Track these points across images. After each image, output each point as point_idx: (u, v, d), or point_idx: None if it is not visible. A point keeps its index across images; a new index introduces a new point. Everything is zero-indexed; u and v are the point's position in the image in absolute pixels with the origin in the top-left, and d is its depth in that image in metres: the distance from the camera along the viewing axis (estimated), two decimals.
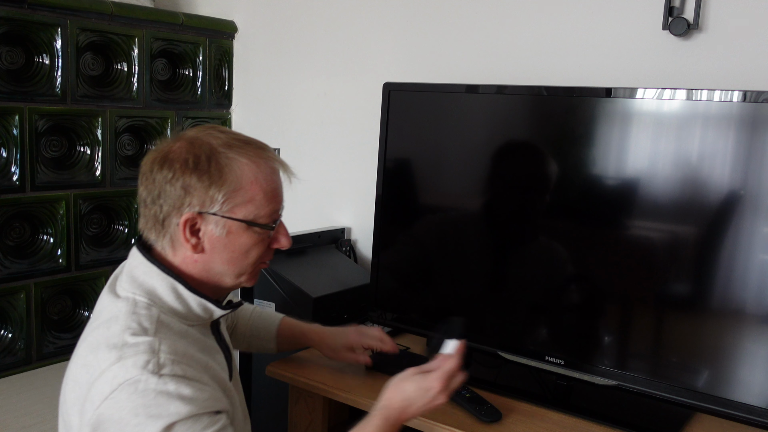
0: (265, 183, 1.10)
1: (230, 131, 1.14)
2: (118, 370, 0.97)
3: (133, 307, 1.05)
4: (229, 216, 1.08)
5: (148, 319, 1.04)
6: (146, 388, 0.96)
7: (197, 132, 1.11)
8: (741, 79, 1.48)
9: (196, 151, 1.07)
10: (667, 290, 1.36)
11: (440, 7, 1.91)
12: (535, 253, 1.51)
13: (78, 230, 2.02)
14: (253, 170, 1.09)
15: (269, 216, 1.11)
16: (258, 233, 1.10)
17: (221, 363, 1.15)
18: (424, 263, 1.67)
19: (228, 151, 1.08)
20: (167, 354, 0.99)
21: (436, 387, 1.13)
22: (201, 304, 1.09)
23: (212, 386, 1.04)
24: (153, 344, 1.00)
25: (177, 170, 1.06)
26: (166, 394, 0.97)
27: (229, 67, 2.39)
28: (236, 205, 1.08)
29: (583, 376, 1.41)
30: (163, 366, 0.98)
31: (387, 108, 1.65)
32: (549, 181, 1.47)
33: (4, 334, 1.89)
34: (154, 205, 1.08)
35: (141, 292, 1.07)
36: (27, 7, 1.83)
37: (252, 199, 1.09)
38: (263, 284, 1.78)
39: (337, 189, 2.18)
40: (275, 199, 1.12)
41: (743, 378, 1.27)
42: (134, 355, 0.98)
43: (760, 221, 1.23)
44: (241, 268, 1.12)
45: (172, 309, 1.08)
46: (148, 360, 0.98)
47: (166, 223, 1.08)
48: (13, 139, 1.85)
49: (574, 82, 1.59)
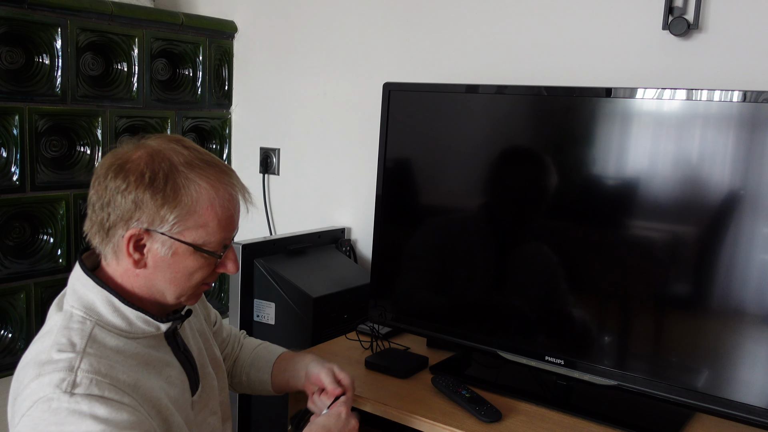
0: (220, 210, 1.07)
1: (196, 148, 1.10)
2: (36, 387, 0.96)
3: (68, 321, 1.03)
4: (177, 238, 1.05)
5: (79, 333, 1.02)
6: (58, 407, 0.94)
7: (161, 144, 1.07)
8: (741, 79, 1.48)
9: (154, 167, 1.04)
10: (667, 290, 1.36)
11: (440, 7, 1.91)
12: (536, 253, 1.51)
13: (78, 230, 2.02)
14: (210, 195, 1.06)
15: (219, 243, 1.09)
16: (204, 258, 1.08)
17: (171, 378, 1.11)
18: (425, 263, 1.67)
19: (188, 171, 1.05)
20: (86, 373, 0.97)
21: (343, 411, 1.23)
22: (141, 317, 1.07)
23: (137, 408, 1.00)
24: (73, 362, 0.98)
25: (131, 183, 1.03)
26: (78, 413, 0.94)
27: (229, 67, 2.39)
28: (186, 228, 1.05)
29: (583, 376, 1.41)
30: (78, 385, 0.96)
31: (387, 108, 1.65)
32: (549, 181, 1.47)
33: (4, 334, 1.89)
34: (102, 212, 1.05)
35: (79, 305, 1.05)
36: (27, 7, 1.83)
37: (204, 224, 1.06)
38: (263, 284, 1.78)
39: (337, 189, 2.19)
40: (228, 227, 1.09)
41: (743, 378, 1.27)
42: (51, 372, 0.96)
43: (760, 221, 1.23)
44: (183, 290, 1.10)
45: (111, 323, 1.05)
46: (63, 378, 0.96)
47: (111, 232, 1.05)
48: (13, 139, 1.85)
49: (574, 82, 1.59)
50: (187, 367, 1.16)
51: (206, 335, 1.29)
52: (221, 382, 1.28)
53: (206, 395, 1.21)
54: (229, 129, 2.43)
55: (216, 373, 1.26)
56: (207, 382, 1.22)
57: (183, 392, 1.13)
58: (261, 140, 2.35)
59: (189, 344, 1.20)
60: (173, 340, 1.15)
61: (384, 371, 1.55)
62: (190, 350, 1.19)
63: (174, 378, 1.11)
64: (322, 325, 1.77)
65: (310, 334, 1.75)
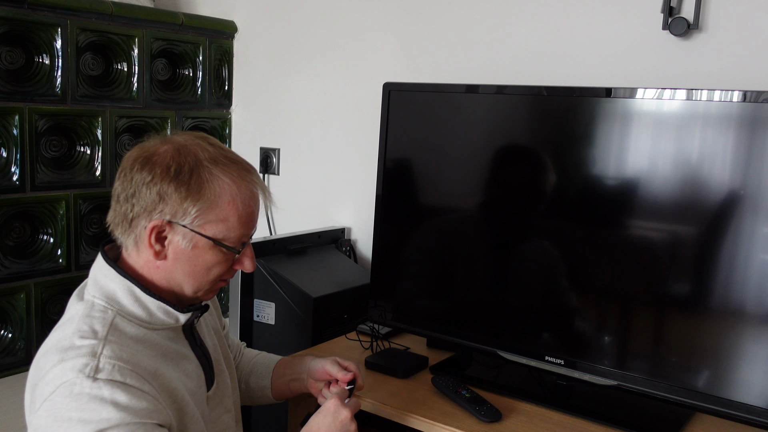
0: (241, 206, 1.09)
1: (220, 146, 1.12)
2: (58, 372, 0.97)
3: (89, 310, 1.05)
4: (198, 231, 1.07)
5: (101, 322, 1.03)
6: (80, 392, 0.95)
7: (187, 139, 1.10)
8: (741, 79, 1.48)
9: (180, 160, 1.06)
10: (667, 290, 1.36)
11: (440, 7, 1.91)
12: (536, 253, 1.51)
13: (78, 230, 2.02)
14: (232, 191, 1.08)
15: (238, 239, 1.10)
16: (223, 253, 1.10)
17: (188, 371, 1.12)
18: (425, 263, 1.67)
19: (213, 167, 1.07)
20: (108, 359, 0.98)
21: (332, 404, 1.19)
22: (161, 307, 1.08)
23: (156, 397, 1.01)
24: (95, 348, 0.99)
25: (157, 175, 1.05)
26: (100, 398, 0.95)
27: (229, 67, 2.39)
28: (208, 222, 1.07)
29: (583, 376, 1.41)
30: (101, 370, 0.97)
31: (387, 108, 1.65)
32: (550, 181, 1.47)
33: (4, 334, 1.89)
34: (127, 203, 1.07)
35: (101, 295, 1.07)
36: (27, 7, 1.83)
37: (225, 219, 1.07)
38: (263, 284, 1.78)
39: (337, 189, 2.19)
40: (249, 223, 1.11)
41: (743, 378, 1.27)
42: (74, 357, 0.98)
43: (760, 221, 1.23)
44: (200, 284, 1.11)
45: (131, 313, 1.06)
46: (86, 363, 0.97)
47: (134, 223, 1.07)
48: (13, 139, 1.85)
49: (574, 82, 1.59)
50: (204, 361, 1.17)
51: (220, 334, 1.31)
52: (233, 381, 1.29)
53: (221, 392, 1.22)
54: (229, 129, 2.43)
55: (229, 372, 1.28)
56: (222, 379, 1.23)
57: (199, 386, 1.14)
58: (261, 140, 2.35)
59: (205, 340, 1.21)
60: (190, 334, 1.17)
61: (384, 371, 1.55)
62: (206, 345, 1.20)
63: (191, 371, 1.13)
64: (322, 325, 1.77)
65: (310, 334, 1.75)
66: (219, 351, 1.25)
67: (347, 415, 1.19)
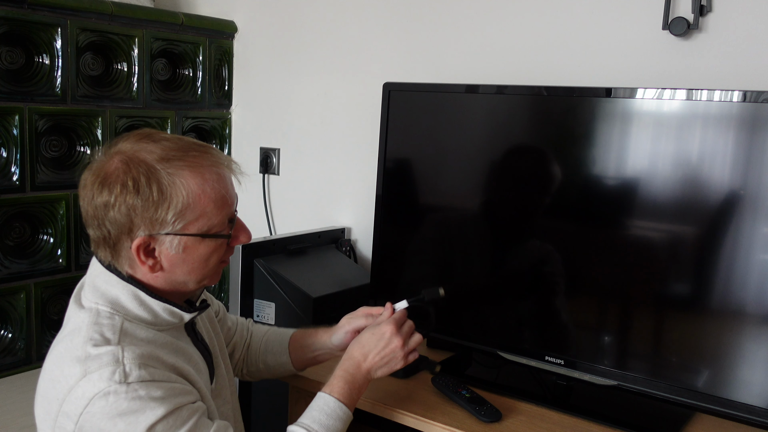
0: (212, 193, 1.06)
1: (166, 138, 1.09)
2: (87, 386, 0.97)
3: (96, 318, 1.04)
4: (182, 233, 1.06)
5: (110, 329, 1.03)
6: (117, 399, 0.96)
7: (131, 146, 1.06)
8: (741, 79, 1.48)
9: (133, 173, 1.03)
10: (667, 290, 1.36)
11: (440, 7, 1.91)
12: (536, 254, 1.51)
13: (78, 230, 2.02)
14: (197, 183, 1.05)
15: (223, 223, 1.09)
16: (215, 241, 1.09)
17: (198, 366, 1.13)
18: (425, 263, 1.67)
19: (167, 167, 1.04)
20: (131, 360, 0.99)
21: (388, 329, 1.22)
22: (166, 309, 1.08)
23: (184, 383, 1.05)
24: (116, 353, 0.99)
25: (117, 195, 1.03)
26: (139, 399, 0.97)
27: (229, 67, 2.39)
28: (188, 222, 1.05)
29: (583, 376, 1.41)
30: (129, 374, 0.97)
31: (387, 108, 1.65)
32: (550, 181, 1.47)
33: (4, 334, 1.89)
34: (102, 229, 1.05)
35: (104, 301, 1.06)
36: (27, 7, 1.83)
37: (203, 213, 1.06)
38: (263, 284, 1.78)
39: (337, 189, 2.18)
40: (225, 204, 1.09)
41: (743, 378, 1.27)
42: (99, 368, 0.97)
43: (760, 221, 1.23)
44: (203, 275, 1.11)
45: (137, 316, 1.06)
46: (113, 371, 0.97)
47: (118, 247, 1.06)
48: (13, 139, 1.85)
49: (574, 82, 1.59)
50: (206, 356, 1.18)
51: (215, 324, 1.31)
52: (229, 373, 1.30)
53: (220, 385, 1.23)
54: (229, 129, 2.43)
55: (224, 364, 1.28)
56: (220, 371, 1.24)
57: (207, 380, 1.15)
58: (261, 140, 2.35)
59: (204, 334, 1.22)
60: (192, 330, 1.17)
61: None
62: (206, 340, 1.21)
63: (200, 366, 1.14)
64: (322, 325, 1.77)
65: None
66: (215, 343, 1.26)
67: (398, 344, 1.22)
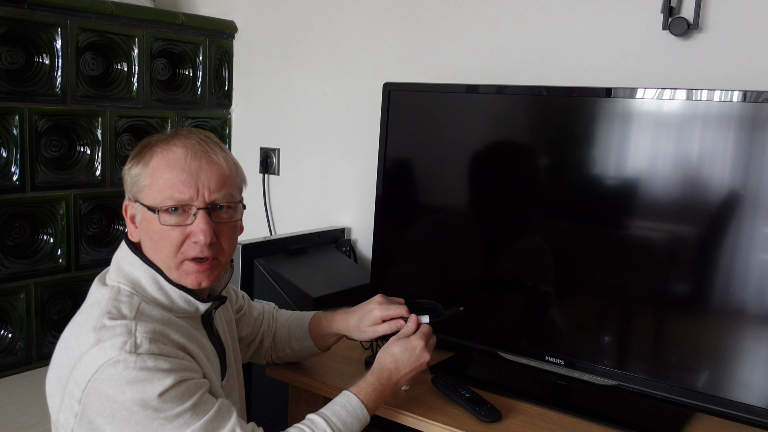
0: (167, 167, 1.08)
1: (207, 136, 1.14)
2: (98, 353, 1.00)
3: (116, 294, 1.07)
4: (137, 200, 1.11)
5: (128, 306, 1.06)
6: (126, 367, 0.98)
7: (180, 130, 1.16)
8: (741, 79, 1.48)
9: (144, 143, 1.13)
10: (667, 290, 1.36)
11: (440, 7, 1.91)
12: (536, 253, 1.51)
13: (78, 230, 2.02)
14: (160, 153, 1.10)
15: (164, 203, 1.07)
16: (166, 222, 1.08)
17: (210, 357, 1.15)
18: (425, 263, 1.67)
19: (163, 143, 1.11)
20: (143, 334, 1.01)
21: (419, 345, 1.27)
22: (182, 296, 1.11)
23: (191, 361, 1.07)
24: (129, 326, 1.02)
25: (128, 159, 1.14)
26: (147, 369, 0.99)
27: (229, 67, 2.39)
28: (140, 189, 1.10)
29: (583, 376, 1.41)
30: (140, 345, 1.00)
31: (387, 108, 1.65)
32: (550, 181, 1.47)
33: (4, 334, 1.89)
34: None
35: (125, 281, 1.09)
36: (27, 7, 1.83)
37: (153, 183, 1.09)
38: (263, 284, 1.78)
39: (337, 189, 2.19)
40: (174, 187, 1.07)
41: (743, 378, 1.27)
42: (111, 337, 1.00)
43: (760, 221, 1.23)
44: (165, 260, 1.10)
45: (155, 299, 1.09)
46: (125, 341, 1.00)
47: None
48: (13, 139, 1.85)
49: (574, 82, 1.59)
50: (220, 352, 1.20)
51: (233, 325, 1.33)
52: (239, 376, 1.31)
53: (230, 384, 1.24)
54: (229, 129, 2.43)
55: (236, 366, 1.30)
56: (231, 372, 1.25)
57: (216, 375, 1.16)
58: (261, 140, 2.35)
59: (220, 331, 1.23)
60: (209, 324, 1.19)
61: None
62: (221, 337, 1.23)
63: (212, 358, 1.16)
64: None
65: None
66: (230, 344, 1.27)
67: (426, 359, 1.28)
